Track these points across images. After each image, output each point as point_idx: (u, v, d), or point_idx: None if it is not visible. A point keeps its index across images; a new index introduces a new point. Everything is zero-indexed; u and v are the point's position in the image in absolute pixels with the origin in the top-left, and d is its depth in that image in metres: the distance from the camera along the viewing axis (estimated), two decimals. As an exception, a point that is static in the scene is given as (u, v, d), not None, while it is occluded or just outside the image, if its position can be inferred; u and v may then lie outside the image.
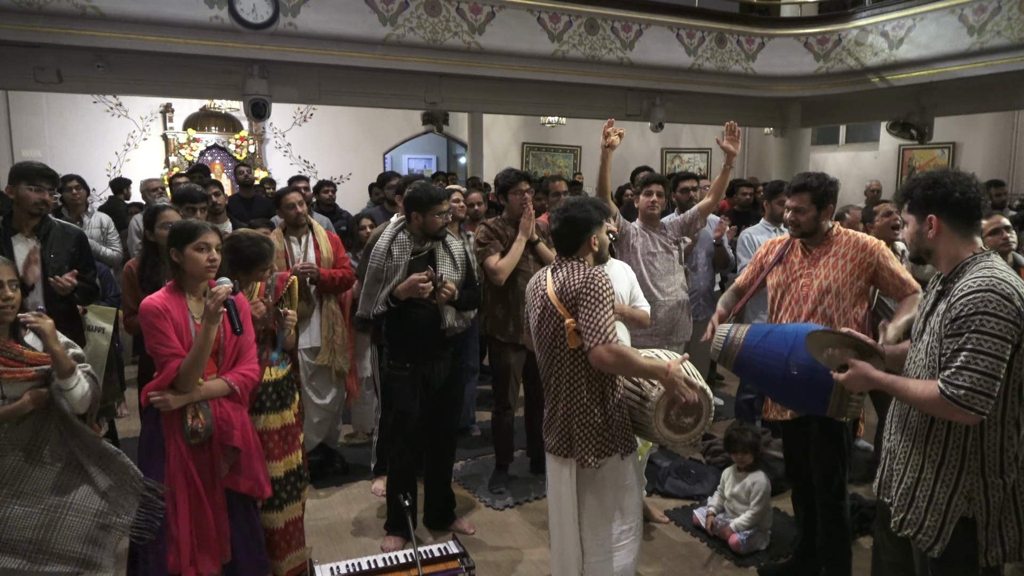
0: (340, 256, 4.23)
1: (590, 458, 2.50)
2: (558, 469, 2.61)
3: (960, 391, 1.83)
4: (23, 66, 6.57)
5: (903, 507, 2.06)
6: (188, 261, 2.57)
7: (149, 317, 2.50)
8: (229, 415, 2.63)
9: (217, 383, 2.61)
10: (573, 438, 2.53)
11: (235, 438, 2.61)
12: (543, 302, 2.56)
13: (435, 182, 5.55)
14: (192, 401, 2.54)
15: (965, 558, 1.95)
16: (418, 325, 3.37)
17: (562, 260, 2.59)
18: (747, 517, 3.51)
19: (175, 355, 2.50)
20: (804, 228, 2.93)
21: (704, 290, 4.57)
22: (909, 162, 12.02)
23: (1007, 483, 1.93)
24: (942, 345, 1.92)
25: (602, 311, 2.40)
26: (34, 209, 3.36)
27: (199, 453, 2.57)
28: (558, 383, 2.57)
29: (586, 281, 2.44)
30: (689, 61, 8.91)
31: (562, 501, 2.60)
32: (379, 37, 7.28)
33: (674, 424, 2.52)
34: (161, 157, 10.13)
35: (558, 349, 2.54)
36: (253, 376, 2.72)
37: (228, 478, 2.63)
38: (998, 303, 1.82)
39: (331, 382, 4.27)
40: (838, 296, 2.85)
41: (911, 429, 2.06)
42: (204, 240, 2.58)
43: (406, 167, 13.83)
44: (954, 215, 1.97)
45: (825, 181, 2.91)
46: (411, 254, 3.38)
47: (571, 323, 2.46)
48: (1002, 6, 7.48)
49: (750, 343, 2.66)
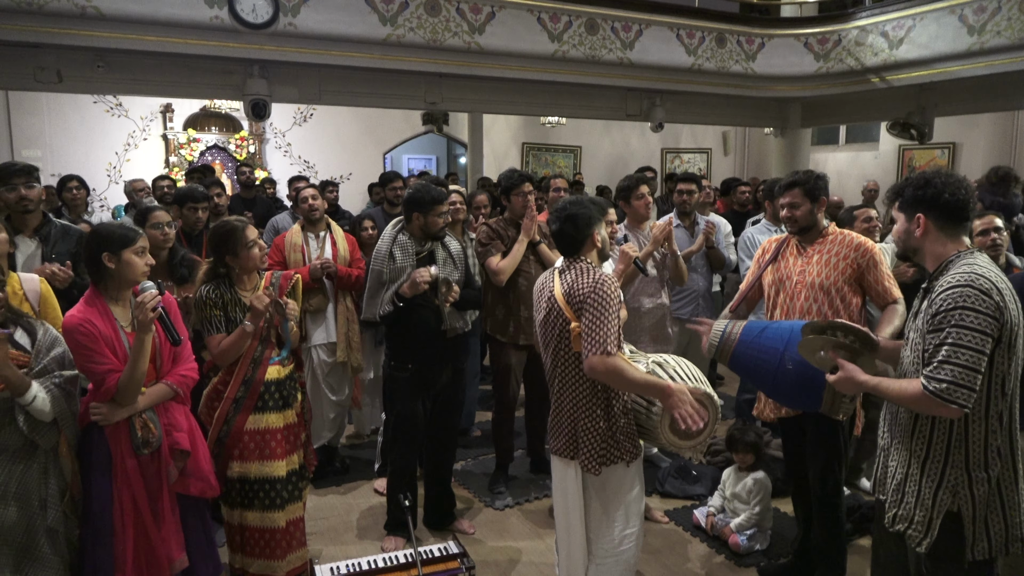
0: (356, 256, 4.28)
1: (594, 465, 2.49)
2: (563, 470, 2.59)
3: (942, 385, 1.86)
4: (23, 66, 6.56)
5: (895, 503, 2.09)
6: (124, 266, 2.46)
7: (76, 336, 2.36)
8: (176, 419, 2.58)
9: (159, 388, 2.53)
10: (578, 441, 2.52)
11: (184, 441, 2.56)
12: (550, 303, 2.54)
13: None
14: (137, 412, 2.46)
15: (953, 553, 1.97)
16: (419, 326, 3.38)
17: (570, 262, 2.57)
18: (747, 517, 3.51)
19: (112, 370, 2.38)
20: (801, 223, 2.97)
21: (703, 291, 4.56)
22: (909, 162, 12.02)
23: (991, 477, 1.96)
24: (925, 341, 1.96)
25: (605, 320, 2.37)
26: (19, 208, 3.31)
27: (147, 463, 2.51)
28: (562, 385, 2.56)
29: (594, 286, 2.42)
30: (689, 61, 8.91)
31: (568, 502, 2.58)
32: (379, 37, 7.28)
33: (680, 431, 2.49)
34: (161, 157, 10.12)
35: (563, 351, 2.52)
36: (193, 375, 2.66)
37: (178, 482, 2.57)
38: (976, 297, 1.86)
39: (347, 378, 4.32)
40: (829, 295, 2.88)
41: (899, 426, 2.10)
42: (142, 244, 2.51)
43: (406, 167, 13.83)
44: (942, 215, 2.02)
45: (813, 175, 2.96)
46: (414, 256, 3.39)
47: (576, 327, 2.44)
48: (1002, 6, 7.48)
49: (746, 339, 2.67)
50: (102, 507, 2.46)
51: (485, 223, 4.19)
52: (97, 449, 2.47)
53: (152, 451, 2.49)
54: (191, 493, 2.61)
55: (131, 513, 2.47)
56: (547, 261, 3.93)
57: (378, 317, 3.40)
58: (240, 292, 2.97)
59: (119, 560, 2.45)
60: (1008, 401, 1.96)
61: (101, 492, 2.46)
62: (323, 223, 4.24)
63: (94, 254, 2.46)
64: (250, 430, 2.93)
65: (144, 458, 2.50)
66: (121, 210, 8.46)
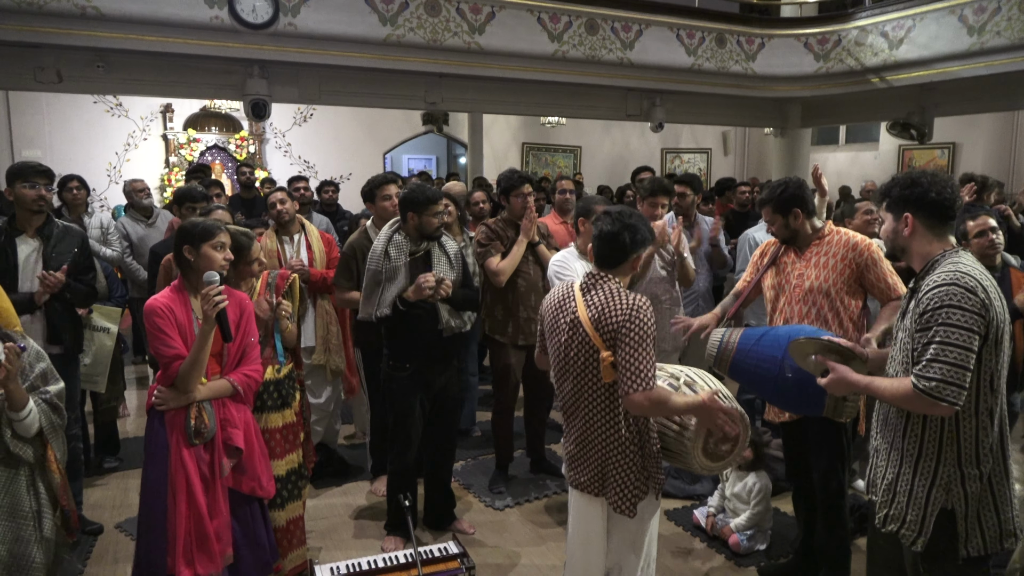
0: (333, 256, 4.22)
1: (628, 506, 2.30)
2: (585, 507, 2.41)
3: (932, 383, 1.87)
4: (23, 66, 6.57)
5: (886, 503, 2.10)
6: (204, 260, 2.57)
7: (153, 318, 2.50)
8: (232, 415, 2.63)
9: (220, 383, 2.61)
10: (607, 478, 2.33)
11: (238, 438, 2.61)
12: (572, 327, 2.31)
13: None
14: (194, 402, 2.54)
15: (947, 550, 1.98)
16: (416, 326, 3.37)
17: (597, 279, 2.33)
18: (747, 517, 3.51)
19: (178, 356, 2.50)
20: (780, 236, 3.01)
21: (703, 291, 4.56)
22: (909, 162, 12.02)
23: (983, 473, 1.97)
24: (914, 341, 1.97)
25: (645, 353, 2.18)
26: (33, 207, 3.35)
27: (202, 453, 2.57)
28: (589, 418, 2.34)
29: (631, 314, 2.20)
30: (689, 61, 8.91)
31: (590, 540, 2.42)
32: (379, 37, 7.28)
33: (712, 452, 2.39)
34: (161, 157, 10.13)
35: (590, 381, 2.30)
36: (257, 376, 2.72)
37: (231, 478, 2.63)
38: (962, 295, 1.88)
39: (326, 381, 4.27)
40: (830, 295, 2.87)
41: (890, 426, 2.11)
42: (221, 239, 2.60)
43: (406, 167, 13.83)
44: (929, 214, 2.04)
45: (778, 189, 2.92)
46: (408, 255, 3.39)
47: (608, 356, 2.23)
48: (1002, 6, 7.49)
49: (744, 347, 2.66)
50: (157, 491, 2.52)
51: (484, 223, 4.18)
52: (156, 435, 2.55)
53: (204, 442, 2.55)
54: (242, 490, 2.66)
55: (184, 500, 2.51)
56: (545, 262, 3.93)
57: (374, 318, 3.38)
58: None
59: (171, 545, 2.49)
60: (997, 397, 1.98)
61: (157, 477, 2.52)
62: (296, 225, 4.20)
63: (178, 247, 2.60)
64: (250, 430, 2.93)
65: (199, 449, 2.55)
66: (121, 210, 8.47)
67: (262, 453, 2.76)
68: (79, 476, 3.66)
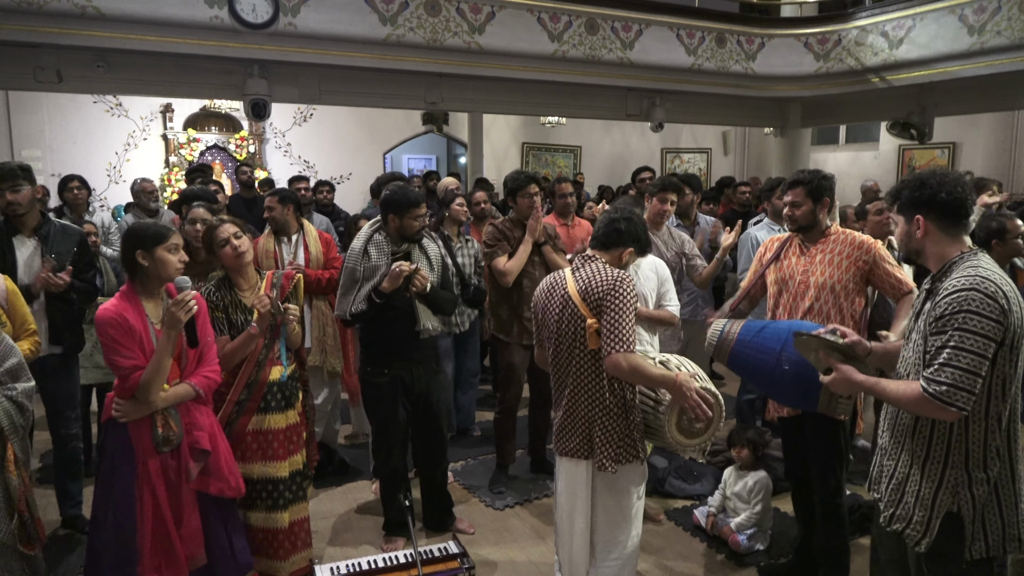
0: (331, 256, 4.22)
1: (609, 463, 2.46)
2: (572, 470, 2.56)
3: (941, 387, 1.85)
4: (23, 66, 6.57)
5: (893, 502, 2.09)
6: (159, 264, 2.49)
7: (107, 328, 2.39)
8: (197, 418, 2.59)
9: (181, 389, 2.55)
10: (593, 440, 2.49)
11: (204, 441, 2.57)
12: (563, 302, 2.52)
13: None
14: (158, 410, 2.48)
15: (952, 552, 1.97)
16: (393, 329, 3.34)
17: (586, 259, 2.56)
18: (747, 517, 3.51)
19: (137, 367, 2.42)
20: (800, 222, 2.97)
21: (703, 291, 4.56)
22: (909, 162, 12.02)
23: (990, 477, 1.96)
24: (927, 343, 1.95)
25: (626, 317, 2.38)
26: (8, 211, 3.30)
27: (168, 460, 2.52)
28: (578, 384, 2.52)
29: (614, 284, 2.42)
30: (689, 61, 8.91)
31: (577, 504, 2.56)
32: (379, 37, 7.28)
33: (686, 429, 2.51)
34: (161, 157, 10.12)
35: (578, 350, 2.49)
36: (216, 377, 2.67)
37: (198, 481, 2.57)
38: (981, 301, 1.85)
39: (323, 382, 4.27)
40: (834, 293, 2.88)
41: (900, 426, 2.09)
42: (174, 241, 2.52)
43: (406, 167, 13.82)
44: (941, 215, 2.01)
45: (819, 175, 2.95)
46: (389, 255, 3.35)
47: (593, 323, 2.43)
48: (1002, 6, 7.49)
49: (744, 338, 2.68)
50: (124, 503, 2.48)
51: (492, 223, 4.20)
52: (119, 446, 2.49)
53: (172, 449, 2.51)
54: (210, 492, 2.61)
55: (151, 510, 2.48)
56: (551, 262, 3.94)
57: (348, 315, 3.34)
58: (240, 294, 2.96)
59: (139, 550, 2.46)
60: (1008, 403, 1.96)
61: (124, 489, 2.47)
62: (294, 226, 4.18)
63: (129, 251, 2.49)
64: (252, 431, 2.93)
65: (165, 456, 2.51)
66: (121, 210, 8.47)
67: (227, 453, 2.71)
68: (79, 476, 3.65)
